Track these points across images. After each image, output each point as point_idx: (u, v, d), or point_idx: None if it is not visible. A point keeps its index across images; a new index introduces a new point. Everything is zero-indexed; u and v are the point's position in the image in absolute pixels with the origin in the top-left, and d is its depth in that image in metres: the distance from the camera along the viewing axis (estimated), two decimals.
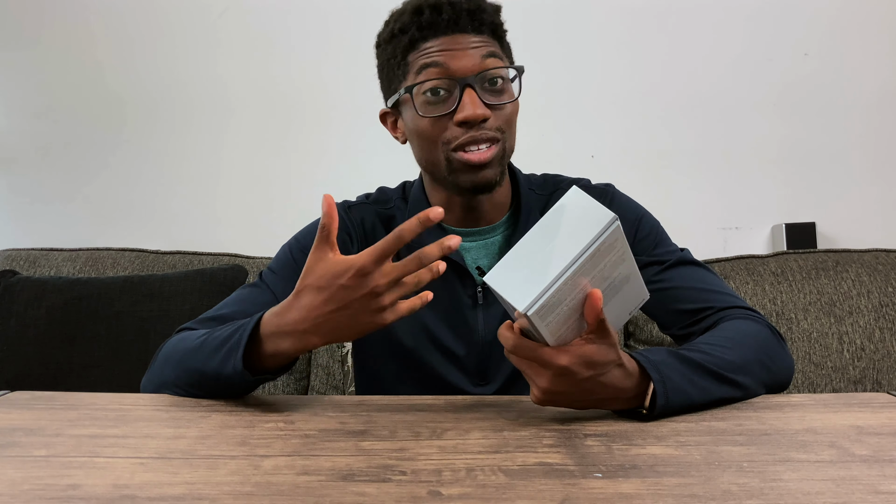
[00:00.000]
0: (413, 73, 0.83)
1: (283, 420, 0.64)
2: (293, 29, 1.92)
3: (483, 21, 0.83)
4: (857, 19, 1.84)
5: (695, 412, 0.66)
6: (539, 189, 0.96)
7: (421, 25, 0.82)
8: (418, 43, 0.83)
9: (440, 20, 0.81)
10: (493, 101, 0.82)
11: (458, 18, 0.82)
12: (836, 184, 1.86)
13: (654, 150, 1.88)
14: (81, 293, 1.45)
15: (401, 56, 0.85)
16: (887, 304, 1.39)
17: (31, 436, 0.58)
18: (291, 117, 1.93)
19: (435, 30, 0.82)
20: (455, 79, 0.81)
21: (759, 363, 0.74)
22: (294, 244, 0.93)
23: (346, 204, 0.97)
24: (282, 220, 1.93)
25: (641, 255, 0.90)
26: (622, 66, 1.88)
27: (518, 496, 0.45)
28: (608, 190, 0.96)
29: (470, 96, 0.80)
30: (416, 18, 0.83)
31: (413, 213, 0.92)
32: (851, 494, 0.45)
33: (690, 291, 0.86)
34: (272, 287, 0.88)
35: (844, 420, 0.63)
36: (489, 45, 0.83)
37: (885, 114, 1.85)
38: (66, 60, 1.94)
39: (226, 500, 0.45)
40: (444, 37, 0.82)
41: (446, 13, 0.81)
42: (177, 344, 0.78)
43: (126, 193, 1.95)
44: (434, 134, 0.83)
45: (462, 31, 0.82)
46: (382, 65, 0.90)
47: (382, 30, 0.89)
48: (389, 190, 0.99)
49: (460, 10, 0.82)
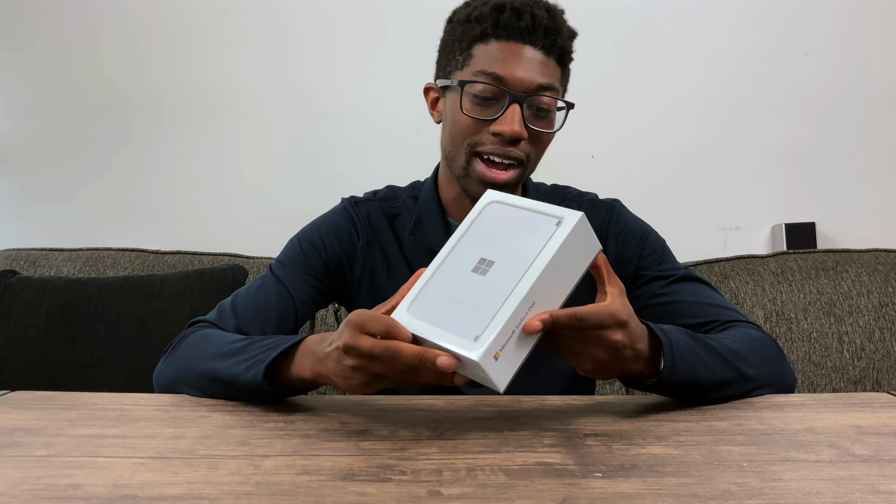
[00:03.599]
0: (472, 68, 0.83)
1: (284, 420, 0.64)
2: (294, 28, 1.92)
3: (555, 43, 0.83)
4: (858, 19, 1.84)
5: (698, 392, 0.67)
6: (547, 198, 0.97)
7: (497, 23, 0.82)
8: (489, 38, 0.83)
9: (517, 25, 0.81)
10: (534, 125, 0.83)
11: (534, 31, 0.82)
12: (836, 184, 1.86)
13: (654, 150, 1.89)
14: (82, 293, 1.45)
15: (467, 44, 0.85)
16: (887, 304, 1.39)
17: (32, 436, 0.58)
18: (292, 117, 1.93)
19: (509, 32, 0.82)
20: (507, 90, 0.81)
21: (765, 360, 0.74)
22: (302, 237, 0.95)
23: (353, 199, 0.98)
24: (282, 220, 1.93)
25: (648, 271, 0.91)
26: (622, 65, 1.88)
27: (518, 496, 0.45)
28: (615, 206, 0.97)
29: (514, 112, 0.81)
30: (495, 14, 0.82)
31: (423, 213, 0.94)
32: (851, 494, 0.45)
33: (694, 306, 0.86)
34: (282, 279, 0.90)
35: (844, 420, 0.63)
36: (551, 70, 0.84)
37: (885, 114, 1.85)
38: (67, 60, 1.94)
39: (226, 499, 0.45)
40: (514, 43, 0.82)
41: (525, 21, 0.81)
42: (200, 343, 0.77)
43: (126, 193, 1.95)
44: (468, 133, 0.84)
45: (532, 45, 0.82)
46: (446, 42, 0.89)
47: (460, 8, 0.89)
48: (399, 188, 1.00)
49: (538, 24, 0.82)
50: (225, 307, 0.87)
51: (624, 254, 0.93)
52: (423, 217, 0.93)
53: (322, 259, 0.92)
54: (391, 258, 0.93)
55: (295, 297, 0.89)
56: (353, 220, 0.94)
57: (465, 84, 0.83)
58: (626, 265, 0.93)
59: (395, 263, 0.93)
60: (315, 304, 0.93)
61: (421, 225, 0.93)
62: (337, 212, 0.97)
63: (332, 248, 0.93)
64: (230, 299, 0.89)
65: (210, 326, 0.84)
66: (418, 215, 0.94)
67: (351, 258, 0.93)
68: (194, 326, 0.85)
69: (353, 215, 0.95)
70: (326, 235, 0.93)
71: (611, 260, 0.94)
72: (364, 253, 0.93)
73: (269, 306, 0.87)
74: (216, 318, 0.86)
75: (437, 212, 0.93)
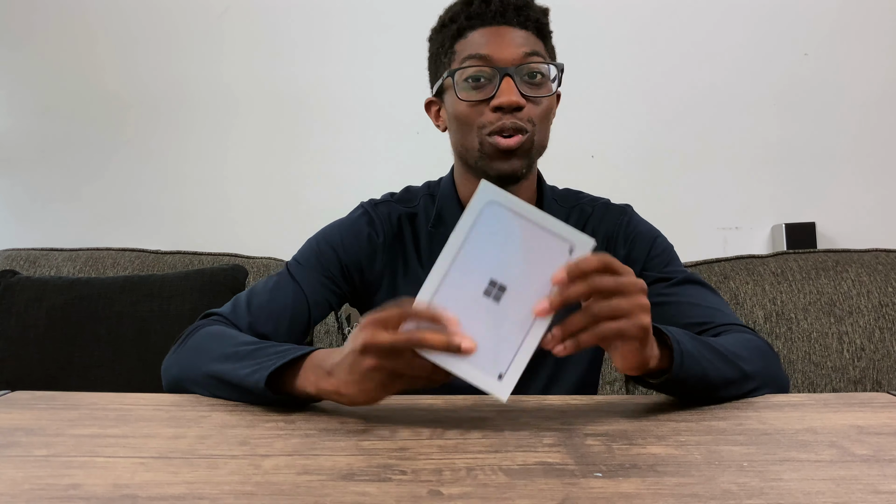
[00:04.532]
0: (458, 60, 0.86)
1: (284, 419, 0.64)
2: (293, 29, 1.92)
3: (528, 17, 0.86)
4: (857, 19, 1.84)
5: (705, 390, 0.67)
6: (561, 201, 0.99)
7: (469, 15, 0.86)
8: (466, 32, 0.87)
9: (488, 11, 0.85)
10: (530, 92, 0.85)
11: (505, 11, 0.85)
12: (836, 184, 1.86)
13: (654, 149, 1.89)
14: (81, 293, 1.45)
15: (448, 44, 0.88)
16: (887, 304, 1.39)
17: (32, 436, 0.58)
18: (292, 117, 1.93)
19: (482, 20, 0.86)
20: (496, 67, 0.84)
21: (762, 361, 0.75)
22: (321, 238, 0.95)
23: (373, 202, 0.99)
24: (282, 221, 1.93)
25: (652, 272, 0.93)
26: (622, 65, 1.88)
27: (518, 496, 0.45)
28: (626, 210, 0.99)
29: (507, 84, 0.83)
30: (465, 9, 0.87)
31: (442, 208, 0.95)
32: (851, 494, 0.45)
33: (694, 308, 0.87)
34: (298, 279, 0.90)
35: (844, 420, 0.63)
36: (532, 42, 0.86)
37: (884, 114, 1.85)
38: (67, 60, 1.94)
39: (226, 499, 0.45)
40: (490, 27, 0.85)
41: (494, 5, 0.85)
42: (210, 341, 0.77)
43: (126, 193, 1.95)
44: (471, 118, 0.86)
45: (508, 24, 0.85)
46: (431, 55, 0.94)
47: (435, 23, 0.93)
48: (414, 188, 1.01)
49: (507, 4, 0.86)
50: (240, 302, 0.88)
51: (631, 255, 0.95)
52: (443, 211, 0.95)
53: (340, 261, 0.93)
54: (409, 258, 0.94)
55: (310, 298, 0.90)
56: (373, 221, 0.95)
57: (455, 72, 0.86)
58: (633, 265, 0.95)
59: (413, 263, 0.94)
60: (329, 306, 0.93)
61: (442, 219, 0.94)
62: (357, 214, 0.97)
63: (351, 250, 0.93)
64: (246, 294, 0.89)
65: (223, 321, 0.85)
66: (438, 209, 0.95)
67: (371, 258, 0.94)
68: (208, 319, 0.86)
69: (373, 216, 0.96)
70: (346, 237, 0.94)
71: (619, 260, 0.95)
72: (385, 252, 0.94)
73: (283, 306, 0.88)
74: (230, 313, 0.86)
75: (457, 207, 0.94)
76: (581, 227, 0.97)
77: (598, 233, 0.96)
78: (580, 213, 0.98)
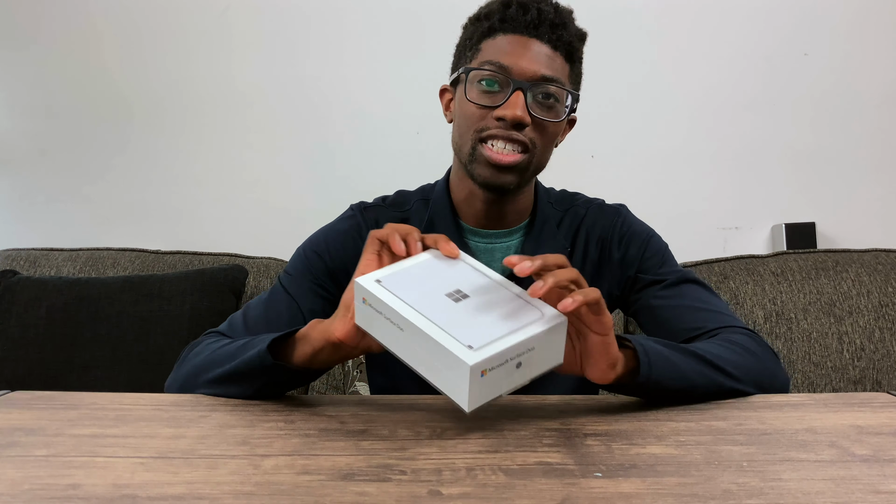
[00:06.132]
0: (479, 60, 0.85)
1: (284, 419, 0.64)
2: (294, 28, 1.92)
3: (561, 38, 0.84)
4: (858, 19, 1.84)
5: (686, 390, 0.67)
6: (557, 204, 0.98)
7: (504, 17, 0.84)
8: (495, 33, 0.85)
9: (522, 19, 0.83)
10: (539, 113, 0.84)
11: (540, 25, 0.83)
12: (836, 184, 1.86)
13: (654, 149, 1.89)
14: (82, 293, 1.45)
15: (476, 40, 0.87)
16: (887, 304, 1.39)
17: (32, 436, 0.58)
18: (292, 117, 1.93)
19: (515, 26, 0.84)
20: (512, 79, 0.82)
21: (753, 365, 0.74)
22: (308, 246, 0.95)
23: (362, 205, 0.98)
24: (282, 221, 1.93)
25: (647, 274, 0.92)
26: (622, 65, 1.88)
27: (518, 496, 0.45)
28: (621, 211, 0.99)
29: (518, 98, 0.82)
30: (501, 10, 0.85)
31: (435, 213, 0.94)
32: (851, 494, 0.45)
33: (689, 311, 0.87)
34: (290, 290, 0.90)
35: (844, 420, 0.63)
36: (557, 65, 0.84)
37: (885, 114, 1.85)
38: (67, 60, 1.94)
39: (226, 499, 0.45)
40: (520, 36, 0.83)
41: (531, 15, 0.83)
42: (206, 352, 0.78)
43: (126, 193, 1.95)
44: (473, 120, 0.85)
45: (539, 38, 0.83)
46: (460, 43, 0.92)
47: (473, 12, 0.91)
48: (408, 193, 1.00)
49: (544, 19, 0.83)
50: (236, 319, 0.88)
51: (626, 257, 0.95)
52: (434, 218, 0.94)
53: (327, 267, 0.92)
54: None
55: (303, 306, 0.89)
56: (359, 226, 0.94)
57: (471, 72, 0.84)
58: (629, 267, 0.94)
59: None
60: (323, 312, 0.92)
61: (433, 226, 0.93)
62: (344, 218, 0.97)
63: (336, 255, 0.93)
64: (241, 311, 0.89)
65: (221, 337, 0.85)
66: (430, 216, 0.94)
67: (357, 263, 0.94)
68: (207, 336, 0.86)
69: (360, 221, 0.95)
70: (332, 243, 0.93)
71: (614, 262, 0.95)
72: None
73: (278, 318, 0.87)
74: (227, 330, 0.86)
75: (449, 213, 0.93)
76: (575, 230, 0.96)
77: (591, 235, 0.96)
78: (573, 216, 0.97)
